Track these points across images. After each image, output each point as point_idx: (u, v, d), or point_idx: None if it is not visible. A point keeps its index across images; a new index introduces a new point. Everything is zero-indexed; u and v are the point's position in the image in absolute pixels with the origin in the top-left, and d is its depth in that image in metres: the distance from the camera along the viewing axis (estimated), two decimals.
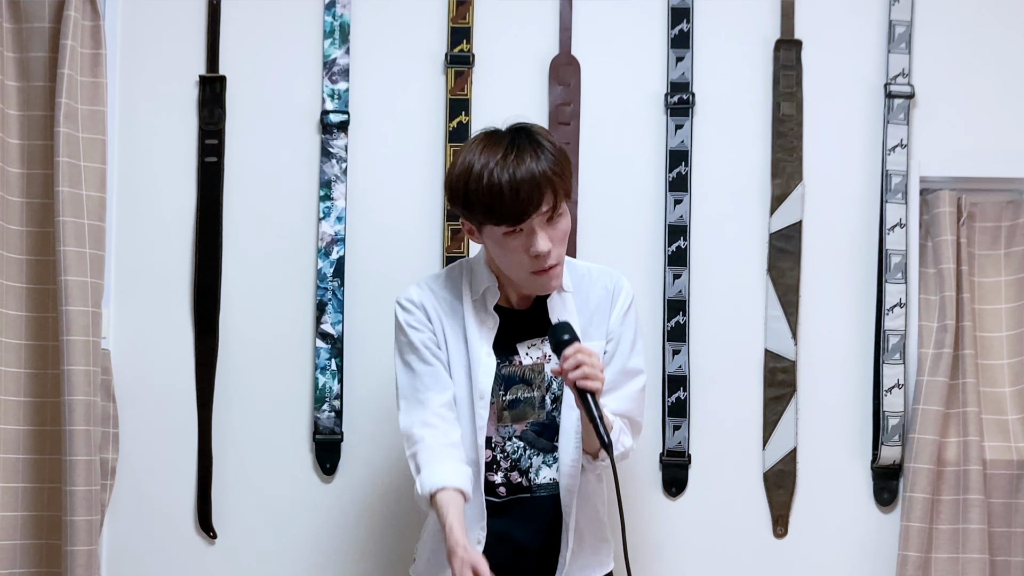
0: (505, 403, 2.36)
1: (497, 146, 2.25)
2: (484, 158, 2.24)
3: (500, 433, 2.36)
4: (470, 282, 2.40)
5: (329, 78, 2.83)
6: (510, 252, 2.27)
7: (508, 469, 2.36)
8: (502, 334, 2.37)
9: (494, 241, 2.28)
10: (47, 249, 2.64)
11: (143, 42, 2.84)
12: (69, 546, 2.54)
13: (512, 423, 2.36)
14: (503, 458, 2.36)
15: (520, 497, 2.36)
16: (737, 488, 2.84)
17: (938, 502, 2.80)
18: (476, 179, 2.22)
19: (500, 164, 2.22)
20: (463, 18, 2.84)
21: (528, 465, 2.36)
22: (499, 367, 2.35)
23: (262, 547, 2.81)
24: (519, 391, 2.36)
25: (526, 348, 2.38)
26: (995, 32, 2.89)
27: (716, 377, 2.84)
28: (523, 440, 2.36)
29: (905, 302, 2.83)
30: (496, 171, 2.21)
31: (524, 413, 2.36)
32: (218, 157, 2.82)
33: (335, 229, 2.81)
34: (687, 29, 2.85)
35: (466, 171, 2.25)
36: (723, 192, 2.86)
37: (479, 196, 2.22)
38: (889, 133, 2.85)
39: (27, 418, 2.64)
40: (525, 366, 2.37)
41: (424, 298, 2.39)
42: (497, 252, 2.30)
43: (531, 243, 2.24)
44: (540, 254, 2.24)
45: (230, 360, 2.82)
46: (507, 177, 2.20)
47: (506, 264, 2.30)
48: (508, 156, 2.23)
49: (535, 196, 2.21)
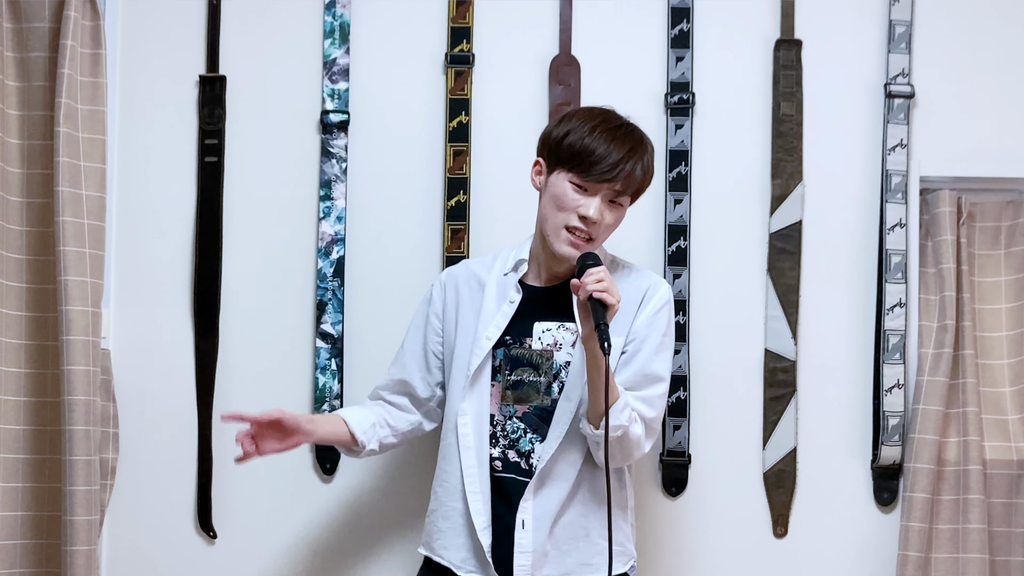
0: (509, 383, 2.39)
1: (616, 116, 2.38)
2: (599, 114, 2.36)
3: (502, 411, 2.40)
4: (507, 257, 2.49)
5: (329, 78, 2.83)
6: (562, 202, 2.33)
7: (506, 447, 2.39)
8: (522, 311, 2.41)
9: (555, 187, 2.34)
10: (47, 249, 2.64)
11: (143, 42, 2.84)
12: (69, 546, 2.54)
13: (514, 403, 2.40)
14: (502, 436, 2.39)
15: (521, 480, 2.37)
16: (737, 488, 2.84)
17: (938, 502, 2.80)
18: (584, 124, 2.33)
19: (612, 127, 2.34)
20: (463, 18, 2.84)
21: (528, 448, 2.38)
22: (508, 347, 2.40)
23: (262, 547, 2.81)
24: (524, 373, 2.39)
25: (541, 330, 2.40)
26: (995, 32, 2.89)
27: (716, 377, 2.84)
28: (524, 422, 2.39)
29: (905, 302, 2.83)
30: (605, 128, 2.33)
31: (527, 395, 2.39)
32: (218, 157, 2.82)
33: (335, 229, 2.81)
34: (687, 29, 2.85)
35: (579, 114, 2.37)
36: (723, 192, 2.86)
37: (577, 138, 2.31)
38: (889, 133, 2.85)
39: (27, 418, 2.64)
40: (534, 350, 2.39)
41: (452, 276, 2.54)
42: (548, 200, 2.36)
43: (587, 204, 2.31)
44: (587, 217, 2.32)
45: (230, 360, 2.82)
46: (612, 139, 2.32)
47: (551, 212, 2.35)
48: (622, 127, 2.36)
49: (621, 170, 2.31)
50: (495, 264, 2.50)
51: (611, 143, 2.30)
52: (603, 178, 2.30)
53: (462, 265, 2.56)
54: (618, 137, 2.32)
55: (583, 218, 2.31)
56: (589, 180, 2.31)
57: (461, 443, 2.39)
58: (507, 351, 2.40)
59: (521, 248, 2.49)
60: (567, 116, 2.39)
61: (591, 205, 2.31)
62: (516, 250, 2.50)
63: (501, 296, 2.44)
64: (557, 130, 2.36)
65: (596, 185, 2.31)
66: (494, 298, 2.44)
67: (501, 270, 2.47)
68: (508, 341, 2.40)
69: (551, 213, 2.35)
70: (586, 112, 2.39)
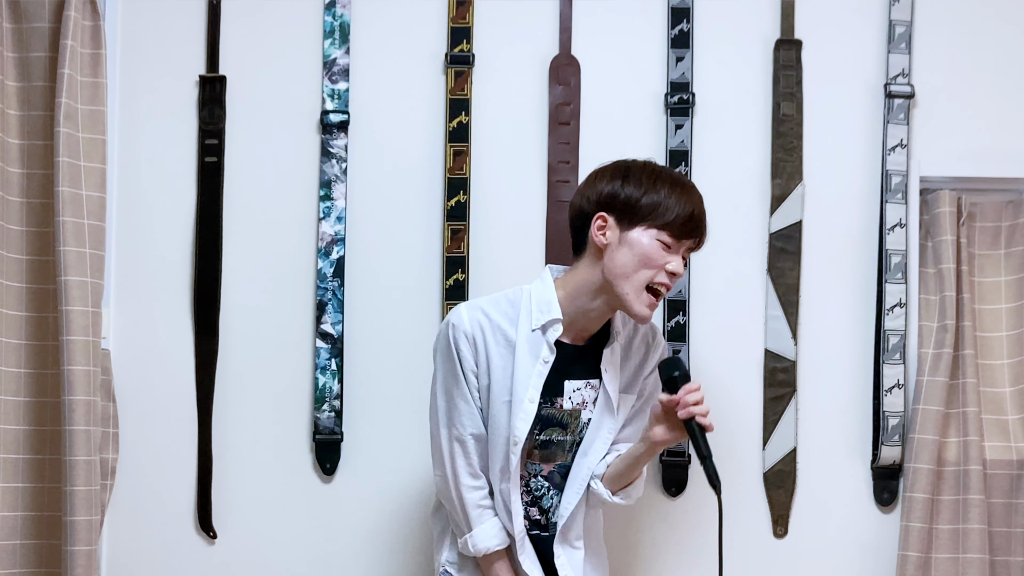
0: (538, 443, 2.39)
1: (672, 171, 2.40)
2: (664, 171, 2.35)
3: (528, 469, 2.41)
4: (532, 310, 2.37)
5: (329, 78, 2.83)
6: (645, 259, 2.30)
7: (529, 504, 2.41)
8: (554, 369, 2.36)
9: (640, 245, 2.30)
10: (47, 249, 2.64)
11: (143, 42, 2.84)
12: (69, 546, 2.54)
13: (541, 462, 2.41)
14: (525, 493, 2.40)
15: (540, 535, 2.41)
16: (737, 488, 2.83)
17: (938, 502, 2.80)
18: (659, 182, 2.31)
19: (684, 184, 2.34)
20: (463, 18, 2.84)
21: (549, 505, 2.42)
22: (540, 407, 2.36)
23: (262, 547, 2.81)
24: (553, 433, 2.40)
25: (571, 390, 2.40)
26: (995, 32, 2.89)
27: (716, 377, 2.84)
28: (548, 481, 2.42)
29: (905, 302, 2.83)
30: (681, 185, 2.33)
31: (554, 455, 2.41)
32: (218, 157, 2.82)
33: (335, 229, 2.81)
34: (687, 29, 2.85)
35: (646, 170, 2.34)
36: (723, 192, 2.85)
37: (659, 196, 2.29)
38: (889, 133, 2.85)
39: (27, 418, 2.64)
40: (565, 410, 2.39)
41: (476, 327, 2.35)
42: (631, 258, 2.30)
43: (673, 261, 2.31)
44: (676, 273, 2.32)
45: (230, 360, 2.82)
46: (689, 195, 2.32)
47: (632, 270, 2.30)
48: (689, 183, 2.37)
49: (703, 227, 2.35)
50: (519, 315, 2.36)
51: (691, 200, 2.32)
52: (692, 234, 2.33)
53: (479, 311, 2.36)
54: (692, 193, 2.34)
55: (671, 274, 2.32)
56: (676, 237, 2.31)
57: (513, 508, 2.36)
58: (538, 411, 2.35)
59: (548, 304, 2.35)
60: (630, 173, 2.33)
61: (676, 261, 2.32)
62: (539, 302, 2.36)
63: (533, 355, 2.34)
64: (628, 188, 2.31)
65: (681, 242, 2.32)
66: (526, 357, 2.34)
67: (528, 325, 2.35)
68: (540, 401, 2.36)
69: (632, 271, 2.30)
70: (651, 168, 2.35)
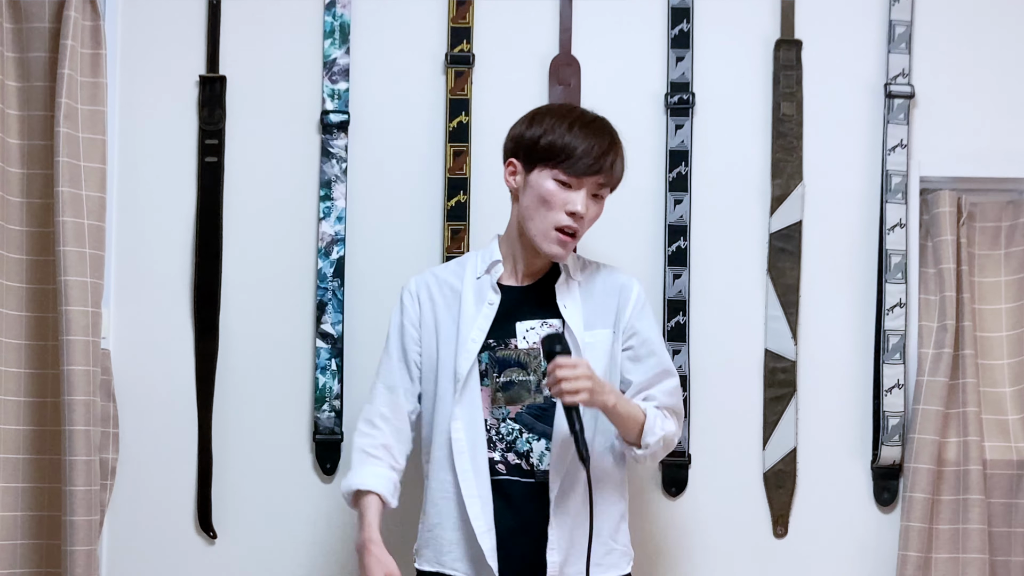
0: (499, 385, 2.39)
1: (587, 111, 2.39)
2: (571, 111, 2.37)
3: (494, 415, 2.39)
4: (476, 261, 2.46)
5: (329, 78, 2.83)
6: (548, 202, 2.33)
7: (504, 449, 2.38)
8: (503, 313, 2.40)
9: (538, 187, 2.34)
10: (47, 249, 2.64)
11: (143, 42, 2.84)
12: (69, 546, 2.54)
13: (506, 405, 2.39)
14: (498, 439, 2.39)
15: (524, 481, 2.37)
16: (737, 488, 2.84)
17: (938, 502, 2.80)
18: (560, 121, 2.34)
19: (587, 121, 2.35)
20: (463, 18, 2.84)
21: (527, 448, 2.38)
22: (494, 350, 2.39)
23: (262, 547, 2.81)
24: (513, 374, 2.39)
25: (525, 330, 2.40)
26: (995, 32, 2.89)
27: (716, 377, 2.84)
28: (519, 423, 2.39)
29: (905, 302, 2.83)
30: (582, 123, 2.35)
31: (519, 396, 2.39)
32: (218, 157, 2.82)
33: (335, 229, 2.81)
34: (687, 29, 2.85)
35: (550, 112, 2.37)
36: (723, 192, 2.86)
37: (556, 135, 2.32)
38: (889, 133, 2.85)
39: (27, 418, 2.64)
40: (520, 350, 2.39)
41: (423, 285, 2.47)
42: (533, 200, 2.35)
43: (574, 200, 2.32)
44: (576, 213, 2.33)
45: (230, 360, 2.82)
46: (591, 132, 2.33)
47: (536, 214, 2.35)
48: (595, 121, 2.37)
49: (605, 162, 2.33)
50: (465, 269, 2.46)
51: (592, 137, 2.32)
52: (590, 171, 2.32)
53: (428, 273, 2.50)
54: (596, 131, 2.34)
55: (571, 214, 2.33)
56: (574, 175, 2.32)
57: (455, 447, 2.37)
58: (492, 354, 2.39)
59: (490, 250, 2.46)
60: (536, 116, 2.39)
61: (578, 200, 2.33)
62: (483, 253, 2.47)
63: (479, 299, 2.42)
64: (531, 130, 2.36)
65: (581, 179, 2.32)
66: (472, 302, 2.42)
67: (474, 274, 2.45)
68: (492, 344, 2.39)
69: (537, 213, 2.35)
70: (556, 109, 2.40)
